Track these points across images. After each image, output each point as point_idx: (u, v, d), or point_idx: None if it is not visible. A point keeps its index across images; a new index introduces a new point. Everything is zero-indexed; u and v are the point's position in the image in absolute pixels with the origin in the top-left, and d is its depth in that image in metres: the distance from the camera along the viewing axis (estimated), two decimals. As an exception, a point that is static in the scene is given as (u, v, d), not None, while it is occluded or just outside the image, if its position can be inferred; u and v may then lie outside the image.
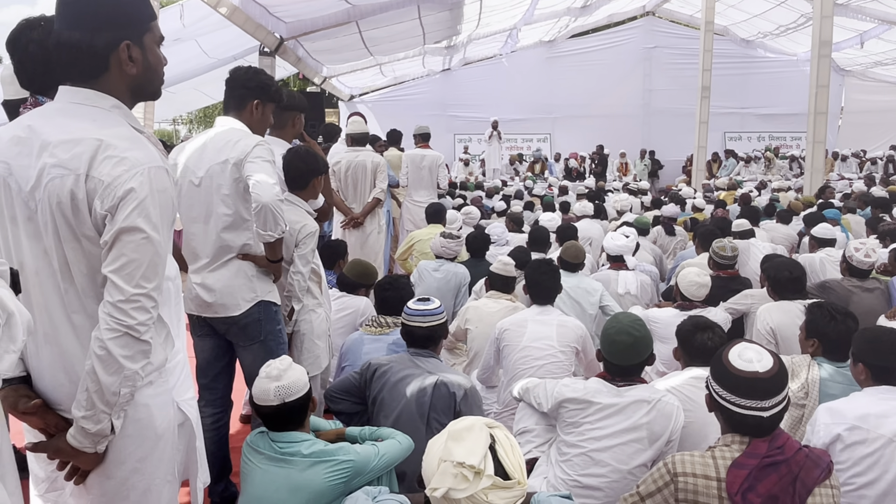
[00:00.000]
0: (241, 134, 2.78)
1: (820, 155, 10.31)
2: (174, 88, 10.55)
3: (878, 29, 14.40)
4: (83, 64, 1.58)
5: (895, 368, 2.37)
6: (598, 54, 17.74)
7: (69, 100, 1.61)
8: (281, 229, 2.69)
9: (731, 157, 17.05)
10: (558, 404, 2.61)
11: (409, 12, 9.16)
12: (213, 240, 2.76)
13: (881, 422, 2.25)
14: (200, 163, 2.75)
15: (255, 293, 2.81)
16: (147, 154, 1.58)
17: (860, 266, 4.14)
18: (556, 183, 13.52)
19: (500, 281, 4.12)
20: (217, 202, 2.73)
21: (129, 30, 1.60)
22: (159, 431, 1.69)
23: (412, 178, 7.26)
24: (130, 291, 1.53)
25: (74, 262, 1.58)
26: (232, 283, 2.77)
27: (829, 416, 2.32)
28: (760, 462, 1.85)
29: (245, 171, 2.66)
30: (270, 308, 2.87)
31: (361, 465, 2.29)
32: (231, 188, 2.71)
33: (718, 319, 3.73)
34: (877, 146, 18.02)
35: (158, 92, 1.73)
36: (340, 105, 17.19)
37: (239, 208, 2.74)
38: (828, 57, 9.95)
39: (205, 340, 2.94)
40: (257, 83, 2.89)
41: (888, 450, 2.21)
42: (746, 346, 1.96)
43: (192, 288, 2.82)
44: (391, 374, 2.83)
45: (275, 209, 2.61)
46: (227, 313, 2.79)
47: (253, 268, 2.81)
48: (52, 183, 1.53)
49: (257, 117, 2.91)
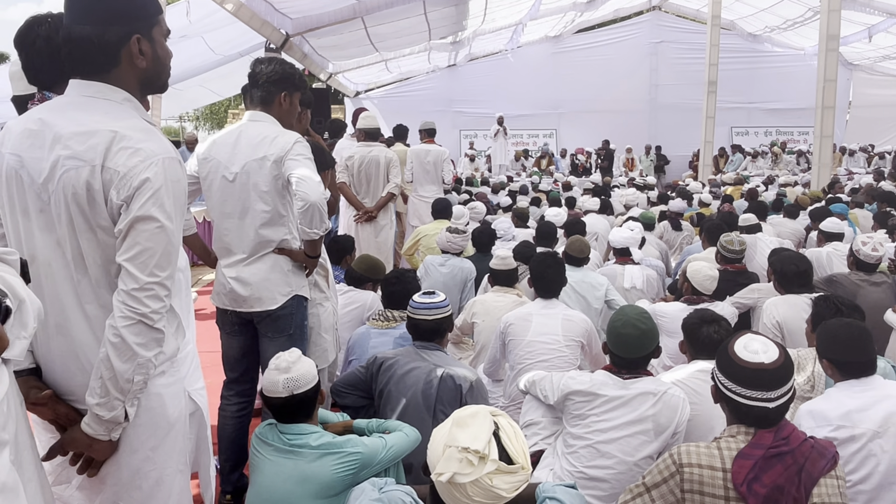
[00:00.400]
0: (277, 130, 2.79)
1: (827, 149, 10.27)
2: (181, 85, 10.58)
3: (886, 22, 14.32)
4: (95, 58, 1.60)
5: (856, 362, 2.38)
6: (604, 49, 17.69)
7: (81, 93, 1.62)
8: (326, 227, 2.72)
9: (737, 152, 17.01)
10: (564, 397, 2.62)
11: (414, 8, 9.16)
12: (251, 236, 2.78)
13: (862, 416, 2.26)
14: (234, 158, 2.76)
15: (290, 287, 2.84)
16: (161, 145, 1.61)
17: (867, 260, 4.13)
18: (562, 179, 13.52)
19: (502, 275, 4.14)
20: (254, 199, 2.74)
21: (139, 23, 1.62)
22: (171, 420, 1.71)
23: (417, 174, 7.28)
24: (144, 280, 1.55)
25: (89, 252, 1.60)
26: (269, 277, 2.79)
27: (813, 420, 2.33)
28: (766, 453, 1.86)
29: (286, 168, 2.68)
30: (303, 302, 2.92)
31: (369, 458, 2.31)
32: (270, 185, 2.73)
33: (725, 314, 3.73)
34: (885, 140, 17.94)
35: (166, 85, 1.75)
36: (346, 101, 17.22)
37: (277, 205, 2.76)
38: (835, 51, 9.91)
39: (234, 338, 2.96)
40: (281, 75, 2.88)
41: (874, 443, 2.22)
42: (752, 338, 1.96)
43: (225, 283, 2.83)
44: (397, 367, 2.85)
45: (321, 207, 2.64)
46: (262, 307, 2.81)
47: (288, 262, 2.84)
48: (66, 174, 1.55)
49: (286, 108, 2.92)
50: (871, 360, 2.41)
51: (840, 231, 5.45)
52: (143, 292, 1.55)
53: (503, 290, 4.11)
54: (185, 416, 1.77)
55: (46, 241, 1.60)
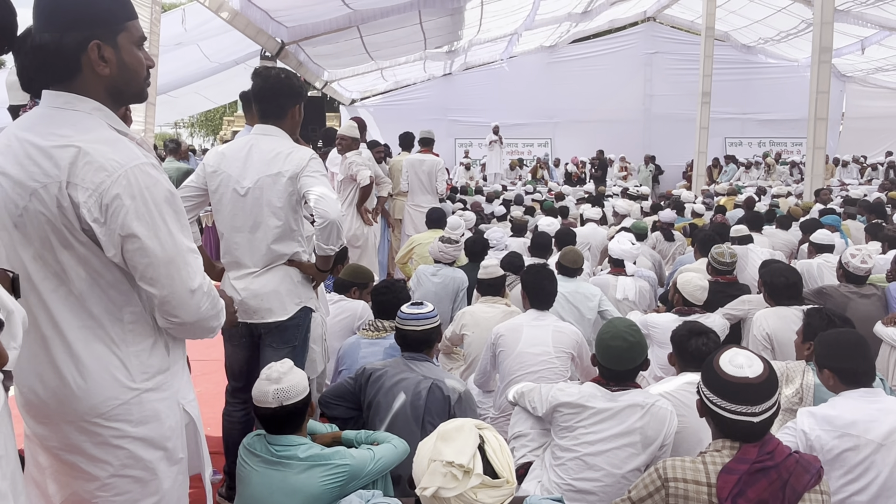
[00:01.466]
0: (291, 145, 2.80)
1: (820, 161, 10.33)
2: (175, 93, 10.61)
3: (878, 35, 14.43)
4: (55, 66, 1.56)
5: (858, 369, 2.39)
6: (598, 59, 17.77)
7: (50, 104, 1.59)
8: (342, 243, 2.75)
9: (731, 162, 17.08)
10: (553, 408, 2.62)
11: (410, 17, 9.19)
12: (263, 251, 2.78)
13: (868, 427, 2.26)
14: (246, 172, 2.75)
15: (300, 298, 2.86)
16: (126, 154, 1.56)
17: (856, 272, 4.15)
18: (556, 188, 13.56)
19: (489, 285, 4.15)
20: (267, 214, 2.74)
21: (99, 29, 1.56)
22: (167, 434, 1.71)
23: (412, 183, 7.29)
24: (163, 294, 1.60)
25: (71, 267, 1.58)
26: (279, 289, 2.80)
27: (814, 421, 2.33)
28: (750, 467, 1.86)
29: (302, 185, 2.69)
30: (310, 314, 2.93)
31: (357, 469, 2.31)
32: (284, 201, 2.73)
33: (716, 325, 3.75)
34: (877, 152, 18.06)
35: (142, 94, 1.69)
36: (341, 109, 17.24)
37: (289, 220, 2.77)
38: (828, 63, 9.97)
39: (241, 351, 2.95)
40: (291, 89, 2.87)
41: (878, 455, 2.23)
42: (737, 352, 1.97)
43: (233, 295, 2.80)
44: (386, 379, 2.85)
45: (340, 225, 2.66)
46: (273, 318, 2.81)
47: (298, 273, 2.85)
48: (36, 193, 1.53)
49: (297, 120, 2.93)
50: (871, 368, 2.42)
51: (831, 243, 5.48)
52: (166, 305, 1.61)
53: (491, 299, 4.12)
54: (181, 428, 1.76)
55: (24, 256, 1.58)
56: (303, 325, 2.89)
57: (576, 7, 14.78)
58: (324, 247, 2.71)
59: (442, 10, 9.26)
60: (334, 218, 2.62)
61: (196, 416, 1.87)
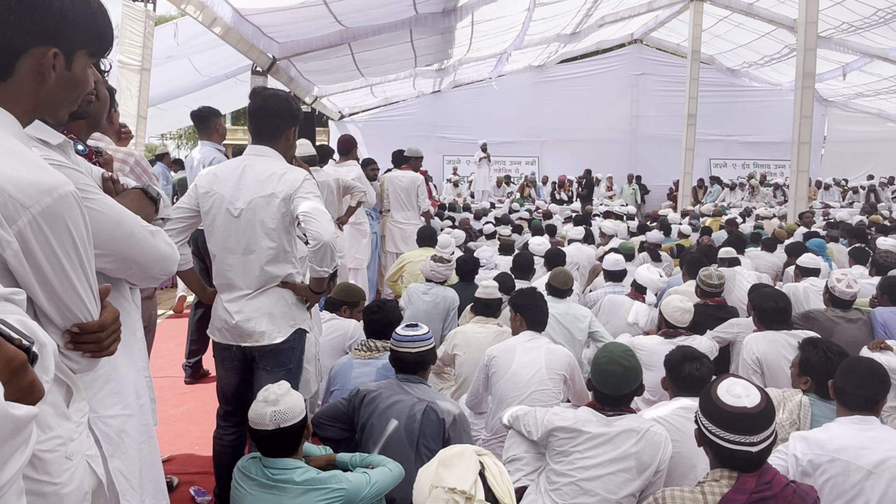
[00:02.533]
0: (284, 166, 2.79)
1: (803, 184, 10.49)
2: (164, 105, 10.58)
3: (860, 61, 14.73)
4: None
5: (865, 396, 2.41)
6: (586, 80, 17.98)
7: None
8: (336, 265, 2.72)
9: (716, 183, 17.30)
10: (548, 433, 2.63)
11: (401, 36, 9.25)
12: (256, 273, 2.76)
13: (860, 454, 2.28)
14: (239, 193, 2.74)
15: (294, 320, 2.83)
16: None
17: (842, 297, 4.20)
18: (543, 206, 13.64)
19: (484, 305, 4.16)
20: (261, 235, 2.73)
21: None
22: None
23: (392, 200, 7.34)
24: None
25: None
26: (273, 311, 2.78)
27: (806, 445, 2.35)
28: (749, 498, 1.87)
29: (295, 206, 2.68)
30: (304, 336, 2.91)
31: (353, 494, 2.30)
32: (278, 222, 2.72)
33: (704, 348, 3.77)
34: (858, 175, 18.40)
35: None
36: (331, 124, 17.28)
37: (283, 241, 2.76)
38: (811, 88, 10.17)
39: (233, 374, 2.92)
40: (289, 112, 2.86)
41: (868, 482, 2.25)
42: (734, 382, 1.99)
43: (228, 318, 2.78)
44: (380, 401, 2.84)
45: (333, 247, 2.64)
46: (267, 341, 2.77)
47: (292, 295, 2.83)
48: None
49: (291, 143, 2.93)
50: (876, 399, 2.43)
51: (817, 266, 5.54)
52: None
53: (484, 320, 4.12)
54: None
55: None
56: (297, 347, 2.86)
57: (564, 28, 14.96)
58: (317, 269, 2.69)
59: (433, 29, 9.33)
60: (328, 240, 2.60)
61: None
